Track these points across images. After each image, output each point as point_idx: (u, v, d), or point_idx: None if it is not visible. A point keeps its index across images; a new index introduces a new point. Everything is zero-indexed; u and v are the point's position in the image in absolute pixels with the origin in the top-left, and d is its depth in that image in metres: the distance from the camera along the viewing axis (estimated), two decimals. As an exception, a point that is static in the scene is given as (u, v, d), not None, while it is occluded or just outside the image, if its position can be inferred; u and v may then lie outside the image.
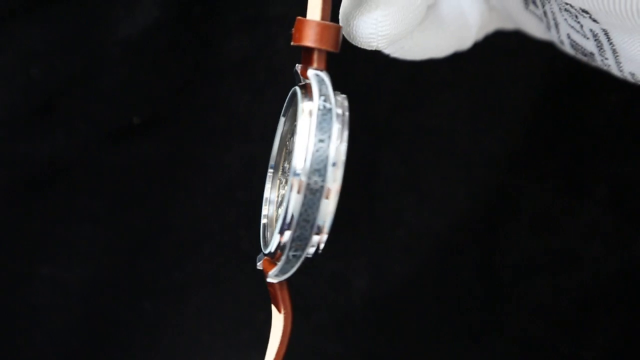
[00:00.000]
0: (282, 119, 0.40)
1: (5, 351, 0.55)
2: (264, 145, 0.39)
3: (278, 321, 0.39)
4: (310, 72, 0.38)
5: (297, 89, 0.39)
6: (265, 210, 0.40)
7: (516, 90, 0.56)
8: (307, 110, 0.38)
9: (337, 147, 0.37)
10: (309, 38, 0.39)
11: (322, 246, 0.38)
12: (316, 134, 0.37)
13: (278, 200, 0.41)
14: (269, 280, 0.38)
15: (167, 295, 0.55)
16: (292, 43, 0.39)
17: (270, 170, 0.40)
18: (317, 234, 0.37)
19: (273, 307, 0.39)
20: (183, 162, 0.54)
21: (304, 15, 0.39)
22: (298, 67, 0.39)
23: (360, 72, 0.54)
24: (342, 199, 0.55)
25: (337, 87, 0.41)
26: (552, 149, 0.57)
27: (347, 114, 0.38)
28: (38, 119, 0.53)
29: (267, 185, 0.40)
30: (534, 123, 0.56)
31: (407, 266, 0.56)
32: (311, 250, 0.38)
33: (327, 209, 0.37)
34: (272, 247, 0.38)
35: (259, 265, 0.39)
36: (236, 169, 0.54)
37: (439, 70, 0.55)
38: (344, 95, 0.39)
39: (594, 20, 0.40)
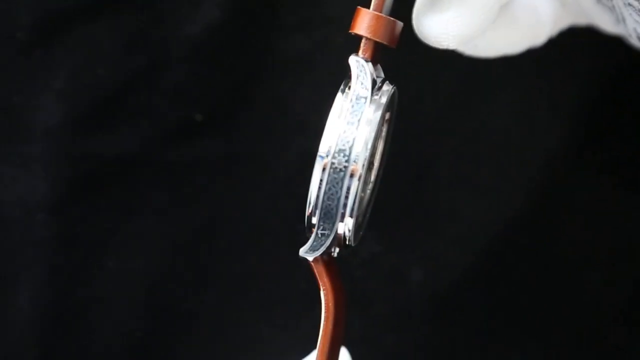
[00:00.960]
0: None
1: (73, 341, 0.55)
2: (322, 142, 0.39)
3: (322, 298, 0.40)
4: (352, 59, 0.39)
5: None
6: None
7: (572, 88, 0.56)
8: (343, 95, 0.39)
9: (367, 130, 0.38)
10: (358, 26, 0.40)
11: (350, 227, 0.38)
12: (346, 117, 0.38)
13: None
14: (300, 255, 0.39)
15: (227, 288, 0.56)
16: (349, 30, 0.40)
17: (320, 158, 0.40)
18: (344, 212, 0.38)
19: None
20: (243, 158, 0.55)
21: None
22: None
23: (418, 70, 0.55)
24: (399, 193, 0.55)
25: (396, 85, 0.42)
26: (607, 145, 0.56)
27: (384, 100, 0.39)
28: (103, 117, 0.54)
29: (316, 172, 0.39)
30: (589, 119, 0.56)
31: (462, 260, 0.56)
32: (340, 230, 0.39)
33: (352, 187, 0.38)
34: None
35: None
36: (295, 164, 0.54)
37: (495, 68, 0.54)
38: (390, 85, 0.40)
39: None
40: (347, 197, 0.38)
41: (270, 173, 0.55)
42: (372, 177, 0.43)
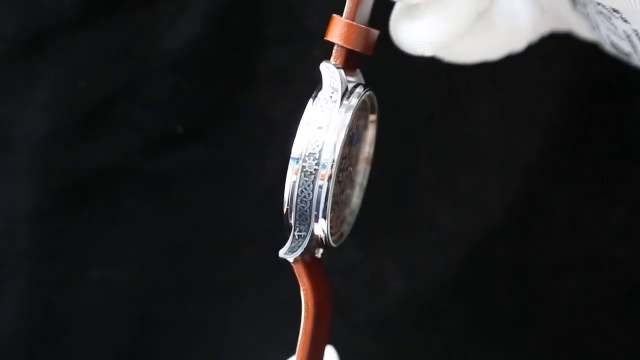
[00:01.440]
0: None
1: (57, 351, 0.56)
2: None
3: (302, 298, 0.40)
4: (323, 65, 0.40)
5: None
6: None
7: (548, 98, 0.56)
8: (313, 100, 0.40)
9: (335, 134, 0.39)
10: (331, 34, 0.40)
11: (325, 228, 0.39)
12: (316, 121, 0.39)
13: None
14: (279, 256, 0.40)
15: (210, 297, 0.56)
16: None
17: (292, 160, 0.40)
18: (317, 214, 0.39)
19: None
20: (224, 169, 0.55)
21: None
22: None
23: (397, 80, 0.55)
24: (379, 202, 0.55)
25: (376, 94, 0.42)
26: (582, 154, 0.57)
27: (353, 102, 0.40)
28: (86, 129, 0.54)
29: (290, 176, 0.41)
30: (565, 129, 0.56)
31: (441, 267, 0.56)
32: (316, 231, 0.39)
33: (323, 190, 0.39)
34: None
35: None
36: (275, 174, 0.54)
37: (474, 78, 0.55)
38: (363, 89, 0.40)
39: (625, 21, 0.40)
40: (319, 199, 0.39)
41: (251, 183, 0.55)
42: (359, 179, 0.44)
